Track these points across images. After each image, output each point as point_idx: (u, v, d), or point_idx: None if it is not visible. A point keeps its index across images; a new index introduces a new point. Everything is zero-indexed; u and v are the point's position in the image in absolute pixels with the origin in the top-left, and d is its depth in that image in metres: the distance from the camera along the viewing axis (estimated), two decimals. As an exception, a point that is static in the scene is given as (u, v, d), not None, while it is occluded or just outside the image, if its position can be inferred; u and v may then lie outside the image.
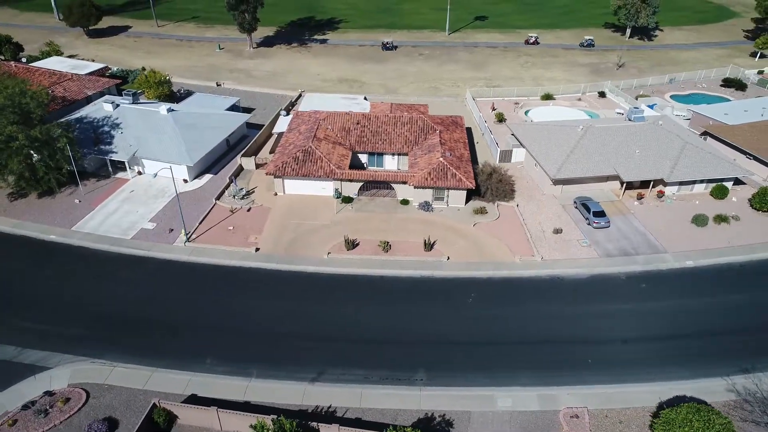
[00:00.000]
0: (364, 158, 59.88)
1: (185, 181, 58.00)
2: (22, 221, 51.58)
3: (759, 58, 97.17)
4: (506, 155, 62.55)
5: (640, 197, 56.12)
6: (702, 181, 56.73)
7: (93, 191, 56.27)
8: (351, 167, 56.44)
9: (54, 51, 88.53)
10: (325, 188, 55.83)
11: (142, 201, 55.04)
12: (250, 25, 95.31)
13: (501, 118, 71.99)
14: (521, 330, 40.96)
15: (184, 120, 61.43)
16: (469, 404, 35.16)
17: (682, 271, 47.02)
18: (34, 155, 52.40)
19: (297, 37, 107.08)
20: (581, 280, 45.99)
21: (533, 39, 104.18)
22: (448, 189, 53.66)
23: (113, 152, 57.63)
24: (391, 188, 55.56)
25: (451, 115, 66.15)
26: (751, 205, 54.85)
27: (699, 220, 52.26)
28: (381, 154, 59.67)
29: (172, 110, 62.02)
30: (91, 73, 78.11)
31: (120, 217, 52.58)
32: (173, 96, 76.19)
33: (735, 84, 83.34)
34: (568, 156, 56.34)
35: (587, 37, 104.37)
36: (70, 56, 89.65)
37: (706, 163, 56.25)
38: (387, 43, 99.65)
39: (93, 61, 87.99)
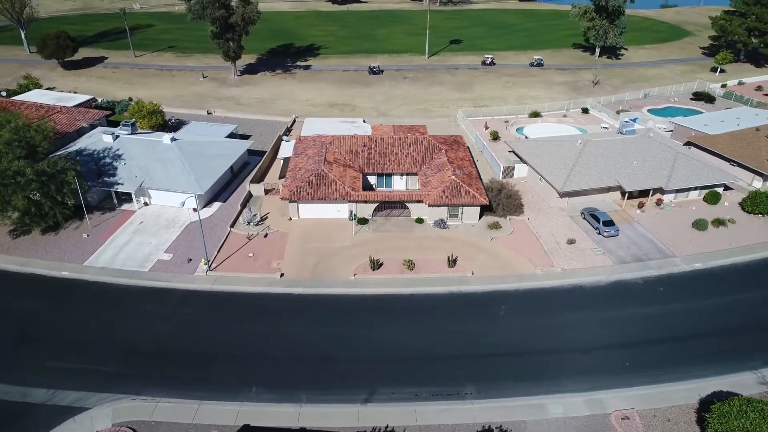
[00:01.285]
0: (373, 179, 60.56)
1: (195, 210, 57.10)
2: (30, 259, 49.56)
3: (719, 72, 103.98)
4: (509, 171, 64.51)
5: (641, 206, 58.83)
6: (695, 188, 60.03)
7: (99, 224, 54.70)
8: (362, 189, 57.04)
9: (32, 84, 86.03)
10: (340, 210, 56.09)
11: (153, 232, 53.85)
12: (235, 53, 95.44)
13: (496, 136, 74.31)
14: (556, 338, 42.00)
15: (188, 148, 60.78)
16: (522, 413, 35.78)
17: (693, 274, 49.43)
18: (35, 192, 50.42)
19: (279, 63, 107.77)
20: (602, 287, 47.69)
21: (489, 60, 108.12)
22: (463, 206, 54.88)
23: (119, 184, 56.31)
24: (406, 207, 56.37)
25: (452, 135, 67.91)
26: (743, 209, 58.35)
27: (699, 225, 55.18)
28: (390, 175, 60.54)
29: (175, 139, 61.31)
30: (78, 105, 76.28)
31: (133, 249, 51.25)
32: (166, 125, 75.27)
33: (704, 97, 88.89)
34: (572, 169, 58.67)
35: (536, 57, 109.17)
36: (49, 89, 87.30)
37: (699, 171, 59.68)
38: (374, 67, 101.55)
39: (75, 92, 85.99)
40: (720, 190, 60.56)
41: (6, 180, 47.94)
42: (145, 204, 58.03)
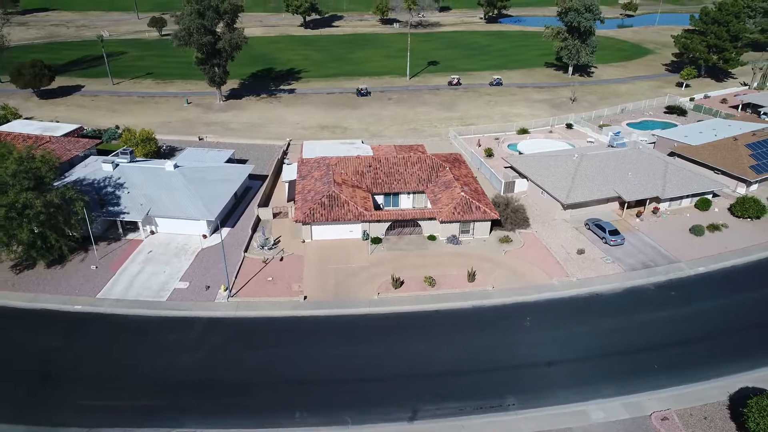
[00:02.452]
0: (380, 199, 61.14)
1: (204, 236, 56.25)
2: (38, 294, 47.62)
3: (685, 87, 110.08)
4: (509, 186, 66.26)
5: (639, 214, 61.41)
6: (687, 196, 63.13)
7: (106, 255, 53.11)
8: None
9: (11, 114, 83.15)
10: (353, 231, 56.30)
11: (164, 260, 52.67)
12: (221, 78, 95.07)
13: (490, 153, 76.28)
14: (587, 345, 43.19)
15: (192, 175, 60.02)
16: (565, 421, 36.54)
17: (698, 277, 51.84)
18: (41, 225, 48.58)
19: (263, 88, 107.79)
20: (618, 294, 49.41)
21: (456, 80, 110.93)
22: (474, 221, 56.02)
23: (124, 213, 54.98)
24: (418, 225, 57.08)
25: (452, 153, 69.39)
26: (733, 213, 61.69)
27: (696, 230, 58.00)
28: (396, 194, 61.29)
29: (178, 166, 60.47)
30: (66, 135, 74.23)
31: (147, 279, 49.96)
32: (158, 152, 74.10)
33: (677, 110, 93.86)
34: (573, 182, 60.86)
35: (495, 77, 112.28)
36: (27, 119, 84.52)
37: (690, 179, 62.93)
38: (361, 89, 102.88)
39: (57, 122, 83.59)
40: (709, 196, 63.88)
41: (12, 213, 46.23)
42: (152, 232, 56.75)
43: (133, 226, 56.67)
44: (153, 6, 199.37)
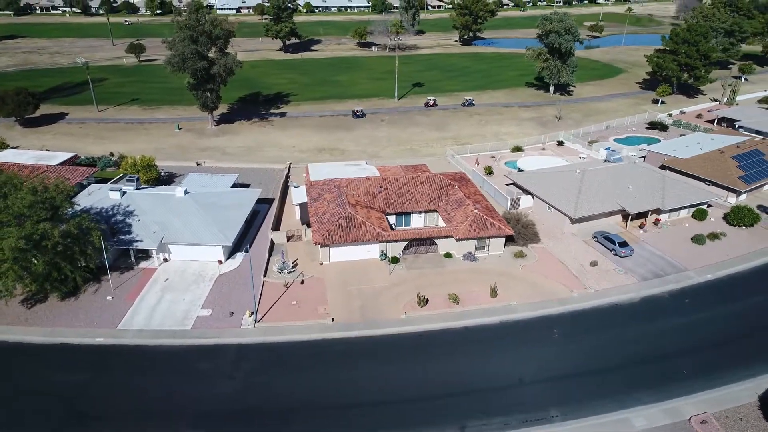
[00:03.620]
0: (392, 219, 61.60)
1: (220, 262, 55.49)
2: (54, 328, 45.94)
3: (660, 104, 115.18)
4: (515, 203, 67.76)
5: (642, 226, 63.61)
6: (684, 207, 65.81)
7: (121, 285, 51.75)
8: (389, 228, 57.94)
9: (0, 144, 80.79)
10: (370, 251, 56.50)
11: (182, 288, 51.65)
12: (214, 103, 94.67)
13: (489, 171, 77.93)
14: (616, 354, 44.27)
15: (203, 200, 59.36)
16: (611, 429, 37.30)
17: (707, 284, 53.92)
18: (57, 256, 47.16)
19: (253, 112, 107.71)
20: (636, 303, 50.92)
21: (432, 101, 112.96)
22: (489, 238, 57.03)
23: (137, 241, 53.85)
24: (434, 243, 57.69)
25: (456, 172, 70.66)
26: (728, 222, 64.55)
27: (698, 240, 60.45)
28: (408, 213, 61.90)
29: (188, 191, 59.76)
30: (61, 163, 72.43)
31: (167, 307, 48.86)
32: (159, 179, 72.98)
33: (658, 126, 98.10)
34: (578, 197, 62.76)
35: (467, 98, 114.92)
36: (13, 148, 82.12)
37: (687, 191, 65.72)
38: (357, 110, 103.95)
39: (47, 150, 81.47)
40: (704, 207, 66.76)
41: (28, 245, 44.68)
42: (165, 260, 55.63)
43: (144, 254, 55.48)
44: (126, 32, 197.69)
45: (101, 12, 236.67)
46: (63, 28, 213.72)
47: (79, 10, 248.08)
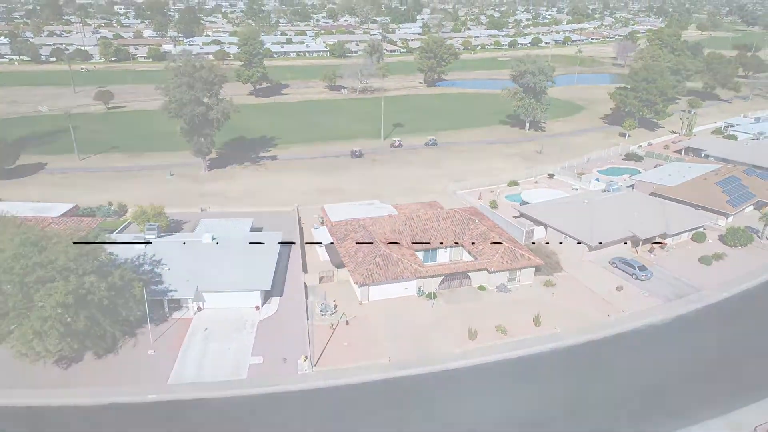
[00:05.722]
0: (419, 255, 62.41)
1: (257, 308, 54.24)
2: (99, 388, 43.26)
3: (627, 137, 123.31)
4: (530, 234, 70.27)
5: (651, 250, 67.36)
6: (685, 231, 70.34)
7: (159, 338, 49.55)
8: (421, 264, 58.67)
9: (-15, 197, 76.40)
10: (407, 288, 56.89)
11: (224, 336, 50.06)
12: (207, 148, 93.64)
13: (494, 205, 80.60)
14: (666, 372, 46.34)
15: (231, 246, 58.33)
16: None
17: (726, 301, 57.65)
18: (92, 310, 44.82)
19: (244, 156, 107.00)
20: (669, 323, 53.64)
21: (397, 142, 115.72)
22: (521, 269, 58.79)
23: (171, 291, 52.02)
24: (468, 277, 58.80)
25: (469, 206, 72.73)
26: (725, 243, 69.44)
27: (705, 260, 64.64)
28: (435, 249, 62.96)
29: (215, 237, 58.57)
30: (63, 214, 69.28)
31: (215, 358, 47.14)
32: (167, 227, 70.93)
33: (634, 157, 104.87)
34: (591, 226, 66.00)
35: (431, 138, 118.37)
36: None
37: (686, 216, 70.41)
38: (355, 151, 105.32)
39: (38, 202, 77.60)
40: (701, 230, 71.65)
41: (68, 299, 42.21)
42: (199, 308, 53.82)
43: (176, 304, 53.50)
44: (84, 80, 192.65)
45: (52, 60, 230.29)
46: (13, 76, 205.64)
47: (28, 58, 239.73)
